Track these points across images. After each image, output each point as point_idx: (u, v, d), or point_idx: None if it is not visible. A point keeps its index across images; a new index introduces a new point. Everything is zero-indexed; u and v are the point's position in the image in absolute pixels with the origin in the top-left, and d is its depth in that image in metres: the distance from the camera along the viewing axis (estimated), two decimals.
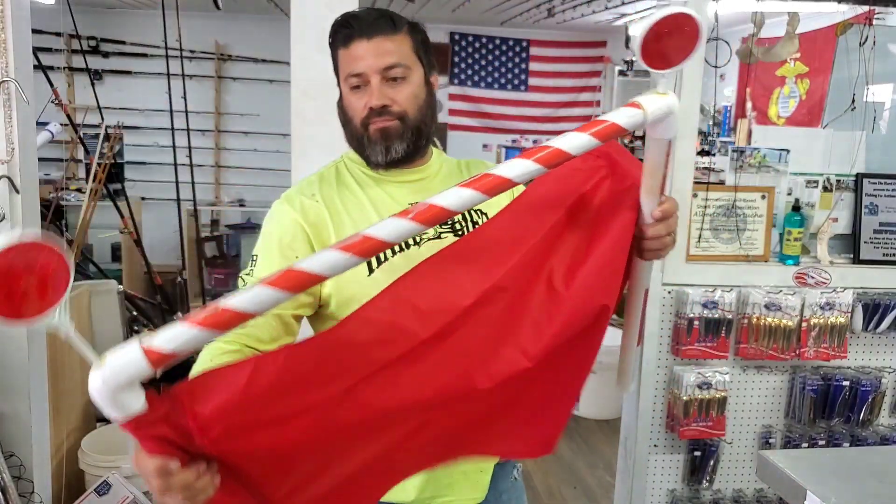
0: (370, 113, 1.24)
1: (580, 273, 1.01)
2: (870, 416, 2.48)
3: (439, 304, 0.96)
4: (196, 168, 3.98)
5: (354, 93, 1.25)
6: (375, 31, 1.22)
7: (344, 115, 1.29)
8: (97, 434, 2.63)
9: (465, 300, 0.97)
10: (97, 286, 2.94)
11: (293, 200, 1.27)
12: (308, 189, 1.30)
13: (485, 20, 6.42)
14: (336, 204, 1.28)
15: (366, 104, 1.24)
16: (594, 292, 1.01)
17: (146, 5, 5.89)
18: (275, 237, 1.25)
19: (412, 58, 1.26)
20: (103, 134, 3.25)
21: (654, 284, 2.42)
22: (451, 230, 1.31)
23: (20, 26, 1.92)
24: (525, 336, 0.98)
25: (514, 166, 0.89)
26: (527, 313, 0.99)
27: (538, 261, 1.01)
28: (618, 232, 1.03)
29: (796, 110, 3.72)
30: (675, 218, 1.08)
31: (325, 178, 1.32)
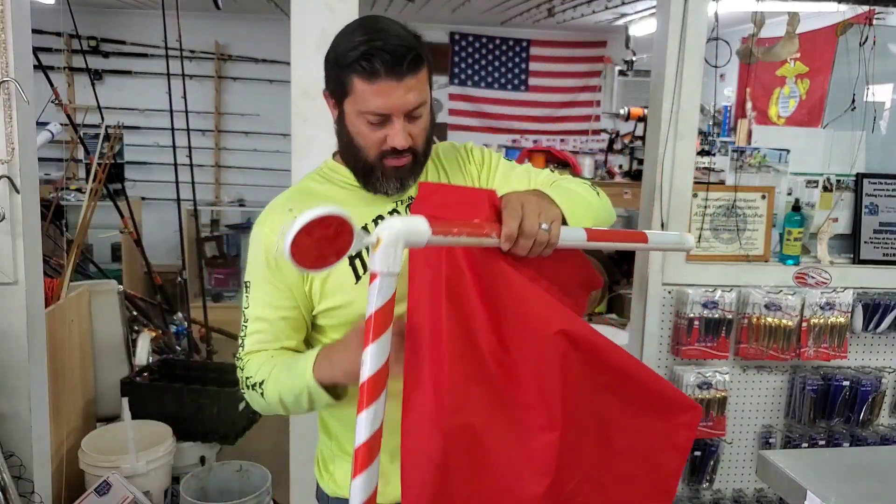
0: (393, 152, 1.22)
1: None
2: (870, 416, 2.48)
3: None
4: (196, 168, 3.98)
5: (370, 126, 1.21)
6: (405, 72, 1.17)
7: (349, 140, 1.25)
8: (97, 434, 2.63)
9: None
10: (97, 286, 2.94)
11: (265, 223, 1.29)
12: (284, 205, 1.30)
13: (485, 20, 6.41)
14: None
15: (385, 141, 1.21)
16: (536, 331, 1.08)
17: (146, 5, 5.89)
18: (260, 263, 1.28)
19: (427, 89, 1.24)
20: (103, 134, 3.24)
21: (655, 284, 2.43)
22: None
23: (20, 26, 1.92)
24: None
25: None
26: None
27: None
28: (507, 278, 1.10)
29: (796, 110, 3.72)
30: (528, 227, 1.07)
31: (304, 191, 1.33)
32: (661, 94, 2.33)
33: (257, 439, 3.41)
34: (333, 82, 1.24)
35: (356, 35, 1.19)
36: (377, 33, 1.18)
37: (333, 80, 1.24)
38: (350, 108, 1.22)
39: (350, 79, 1.19)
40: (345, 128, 1.25)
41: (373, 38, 1.17)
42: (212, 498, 2.48)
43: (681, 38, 2.28)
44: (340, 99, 1.23)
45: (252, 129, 6.39)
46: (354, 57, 1.17)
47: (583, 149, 6.97)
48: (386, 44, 1.16)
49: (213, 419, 2.69)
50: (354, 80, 1.18)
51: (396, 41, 1.17)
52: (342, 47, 1.20)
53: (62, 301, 2.53)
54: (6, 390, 1.99)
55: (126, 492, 2.31)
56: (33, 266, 2.02)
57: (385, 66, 1.16)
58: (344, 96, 1.22)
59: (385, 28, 1.20)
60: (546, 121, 7.17)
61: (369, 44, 1.16)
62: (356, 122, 1.22)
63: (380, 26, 1.20)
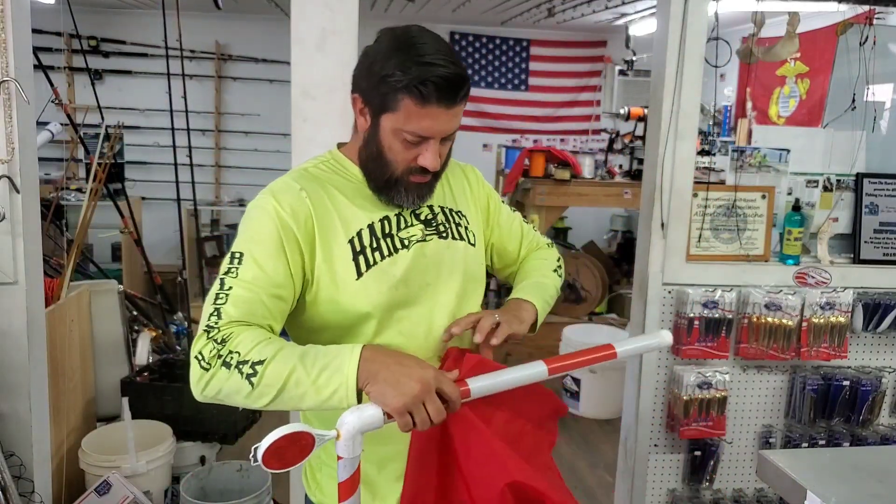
0: (420, 170, 1.24)
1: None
2: (870, 415, 2.48)
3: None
4: (196, 168, 3.98)
5: (405, 144, 1.22)
6: (457, 102, 1.20)
7: (378, 152, 1.25)
8: (97, 434, 2.63)
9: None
10: (97, 286, 2.94)
11: (276, 199, 1.22)
12: (294, 186, 1.26)
13: (485, 20, 6.42)
14: (324, 202, 1.26)
15: (415, 159, 1.23)
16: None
17: (146, 5, 5.89)
18: (265, 237, 1.19)
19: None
20: (103, 133, 3.24)
21: (655, 284, 2.43)
22: (436, 232, 1.33)
23: (20, 26, 1.91)
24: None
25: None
26: None
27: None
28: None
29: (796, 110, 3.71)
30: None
31: (312, 177, 1.30)
32: (662, 94, 2.33)
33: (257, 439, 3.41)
34: (376, 95, 1.21)
35: (412, 54, 1.17)
36: (436, 56, 1.17)
37: (376, 94, 1.21)
38: (389, 123, 1.21)
39: (399, 97, 1.18)
40: (377, 140, 1.24)
41: (434, 61, 1.16)
42: (212, 498, 2.48)
43: (681, 37, 2.28)
44: (379, 112, 1.22)
45: (252, 129, 6.40)
46: (412, 79, 1.16)
47: (583, 148, 6.97)
48: (446, 72, 1.16)
49: (213, 419, 2.69)
50: (405, 100, 1.18)
51: (454, 69, 1.17)
52: (394, 64, 1.17)
53: (62, 301, 2.53)
54: (6, 390, 1.99)
55: (126, 491, 2.31)
56: (33, 266, 2.02)
57: (440, 94, 1.17)
58: (384, 111, 1.21)
59: (440, 49, 1.19)
60: (546, 120, 7.18)
61: (430, 69, 1.16)
62: (391, 137, 1.22)
63: (436, 47, 1.19)
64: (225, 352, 1.09)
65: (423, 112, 1.18)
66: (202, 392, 1.12)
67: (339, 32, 2.05)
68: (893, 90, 2.82)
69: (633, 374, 2.54)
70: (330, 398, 1.09)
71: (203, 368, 1.10)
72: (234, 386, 1.09)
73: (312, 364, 1.09)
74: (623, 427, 2.64)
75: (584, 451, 3.74)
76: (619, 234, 6.45)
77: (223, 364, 1.09)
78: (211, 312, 1.14)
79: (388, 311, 1.26)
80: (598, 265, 5.24)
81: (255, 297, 1.15)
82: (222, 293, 1.15)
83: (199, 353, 1.11)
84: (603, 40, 7.05)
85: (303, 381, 1.08)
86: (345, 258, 1.24)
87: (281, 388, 1.08)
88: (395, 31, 1.23)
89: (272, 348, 1.10)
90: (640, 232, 2.53)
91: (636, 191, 4.57)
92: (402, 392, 1.07)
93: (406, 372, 1.09)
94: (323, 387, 1.08)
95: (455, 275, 1.34)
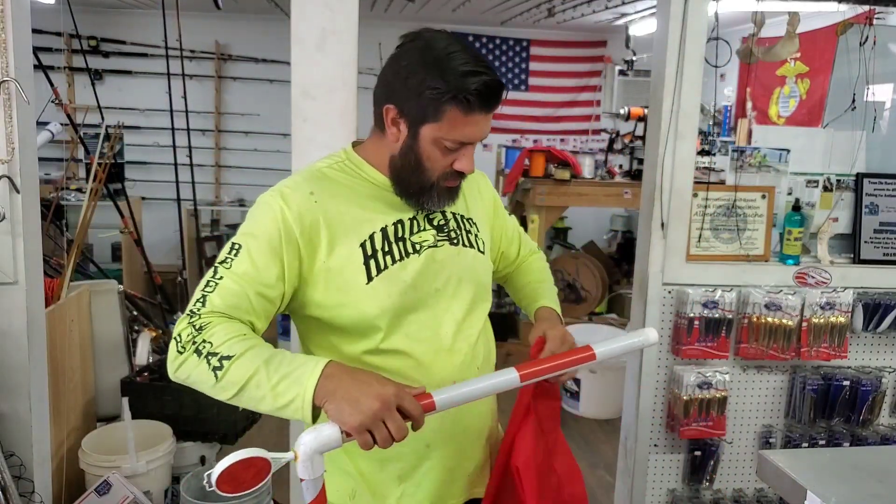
0: (453, 174, 1.26)
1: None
2: (870, 415, 2.48)
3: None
4: (196, 168, 3.99)
5: (443, 151, 1.23)
6: (495, 106, 1.22)
7: (417, 161, 1.25)
8: (97, 434, 2.63)
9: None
10: (97, 286, 2.94)
11: (285, 198, 1.23)
12: (305, 187, 1.25)
13: (485, 20, 6.41)
14: (337, 205, 1.26)
15: (452, 165, 1.25)
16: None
17: (146, 5, 5.89)
18: (266, 233, 1.20)
19: None
20: (103, 133, 3.24)
21: (655, 284, 2.43)
22: (447, 238, 1.34)
23: (20, 26, 1.91)
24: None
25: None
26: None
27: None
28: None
29: (796, 110, 3.71)
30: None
31: (325, 178, 1.29)
32: (662, 94, 2.33)
33: (257, 439, 3.41)
34: (416, 107, 1.21)
35: (452, 64, 1.18)
36: (475, 64, 1.18)
37: (416, 105, 1.21)
38: (430, 133, 1.22)
39: (444, 107, 1.19)
40: (416, 150, 1.24)
41: (475, 70, 1.18)
42: (212, 498, 2.46)
43: (681, 37, 2.28)
44: (419, 123, 1.22)
45: (252, 129, 6.40)
46: (458, 90, 1.17)
47: (583, 148, 6.97)
48: (488, 79, 1.18)
49: (214, 419, 2.69)
50: (450, 109, 1.19)
51: (492, 74, 1.19)
52: (436, 75, 1.18)
53: (62, 301, 2.53)
54: (6, 390, 1.99)
55: (126, 492, 2.31)
56: (33, 266, 2.02)
57: (482, 101, 1.19)
58: (425, 122, 1.22)
59: (475, 55, 1.21)
60: (546, 120, 7.17)
61: (473, 78, 1.17)
62: (431, 146, 1.23)
63: (472, 53, 1.21)
64: (200, 339, 1.11)
65: (467, 120, 1.20)
66: (174, 373, 1.14)
67: (339, 32, 2.05)
68: (893, 90, 2.83)
69: (633, 374, 2.54)
70: (286, 407, 1.08)
71: (178, 351, 1.12)
72: (202, 376, 1.11)
73: (276, 370, 1.09)
74: (623, 427, 2.64)
75: (584, 451, 3.74)
76: (619, 234, 6.45)
77: (195, 351, 1.10)
78: (198, 298, 1.16)
79: (396, 316, 1.26)
80: (598, 265, 5.24)
81: (241, 291, 1.17)
82: (213, 281, 1.18)
83: (178, 335, 1.13)
84: (603, 40, 7.05)
85: (263, 385, 1.08)
86: (355, 262, 1.24)
87: (242, 387, 1.09)
88: (424, 41, 1.22)
89: (242, 346, 1.10)
90: (640, 232, 2.53)
91: (636, 191, 4.57)
92: (360, 410, 1.05)
93: (364, 390, 1.06)
94: (280, 395, 1.08)
95: (464, 282, 1.34)
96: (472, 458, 1.40)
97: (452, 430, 1.34)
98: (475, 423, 1.39)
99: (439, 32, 1.23)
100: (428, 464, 1.33)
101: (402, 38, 1.25)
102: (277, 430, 3.37)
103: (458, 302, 1.34)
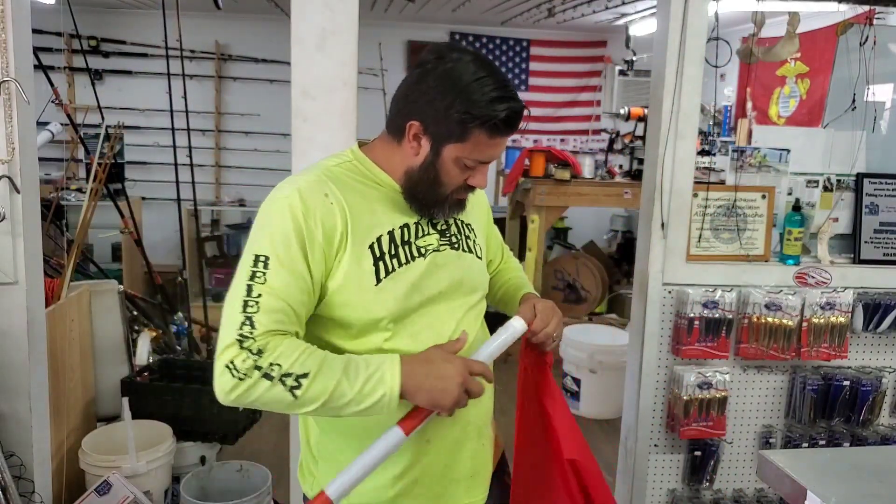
0: (466, 188, 1.31)
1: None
2: (870, 415, 2.48)
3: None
4: (196, 168, 3.98)
5: (462, 168, 1.27)
6: (517, 128, 1.25)
7: (436, 177, 1.28)
8: (97, 434, 2.63)
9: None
10: (98, 286, 2.94)
11: (300, 200, 1.21)
12: (318, 188, 1.24)
13: (485, 20, 6.41)
14: (350, 206, 1.26)
15: (466, 182, 1.29)
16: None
17: (146, 5, 5.89)
18: (286, 240, 1.19)
19: None
20: (104, 134, 3.24)
21: (655, 284, 2.43)
22: (449, 243, 1.36)
23: (20, 26, 1.92)
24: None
25: None
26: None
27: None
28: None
29: (797, 110, 3.71)
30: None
31: (336, 178, 1.28)
32: (662, 94, 2.33)
33: (258, 439, 3.41)
34: (442, 127, 1.23)
35: (483, 90, 1.20)
36: (504, 89, 1.21)
37: (443, 126, 1.23)
38: (453, 152, 1.25)
39: (471, 130, 1.22)
40: (436, 167, 1.27)
41: (503, 95, 1.21)
42: (212, 498, 2.48)
43: (681, 37, 2.28)
44: (443, 142, 1.24)
45: (252, 129, 6.39)
46: (488, 116, 1.20)
47: (583, 149, 6.97)
48: (516, 105, 1.22)
49: (214, 419, 2.69)
50: (477, 133, 1.22)
51: (518, 100, 1.23)
52: (465, 99, 1.20)
53: (62, 301, 2.53)
54: (6, 390, 1.99)
55: (126, 492, 2.31)
56: (34, 266, 2.02)
57: (508, 126, 1.23)
58: (449, 141, 1.24)
59: (504, 79, 1.23)
60: (546, 121, 7.17)
61: (502, 104, 1.20)
62: (451, 164, 1.26)
63: (500, 78, 1.23)
64: (264, 363, 1.12)
65: (491, 142, 1.24)
66: (233, 400, 1.14)
67: (339, 32, 2.05)
68: (893, 90, 2.82)
69: (633, 374, 2.55)
70: (372, 406, 1.17)
71: (237, 378, 1.11)
72: (276, 396, 1.13)
73: (355, 377, 1.16)
74: (623, 427, 2.64)
75: None
76: (620, 234, 6.45)
77: (263, 376, 1.12)
78: (242, 321, 1.14)
79: (401, 317, 1.28)
80: (598, 265, 5.24)
81: (285, 305, 1.17)
82: (252, 301, 1.16)
83: (230, 363, 1.12)
84: (603, 40, 7.05)
85: (347, 393, 1.15)
86: (365, 264, 1.25)
87: (326, 400, 1.15)
88: (453, 62, 1.23)
89: (314, 361, 1.15)
90: (641, 232, 2.53)
91: (636, 191, 4.57)
92: (449, 392, 1.20)
93: (441, 373, 1.21)
94: (366, 396, 1.16)
95: (464, 285, 1.37)
96: (473, 456, 1.41)
97: (451, 427, 1.35)
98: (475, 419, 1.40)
99: (466, 53, 1.24)
100: (426, 459, 1.34)
101: (429, 53, 1.26)
102: (278, 429, 3.37)
103: (459, 304, 1.36)
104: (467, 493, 1.41)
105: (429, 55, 1.25)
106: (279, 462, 3.00)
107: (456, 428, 1.35)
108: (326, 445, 1.35)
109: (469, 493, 1.41)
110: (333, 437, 1.34)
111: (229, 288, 1.20)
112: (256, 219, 1.25)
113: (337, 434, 1.33)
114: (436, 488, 1.36)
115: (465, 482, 1.40)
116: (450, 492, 1.38)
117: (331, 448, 1.35)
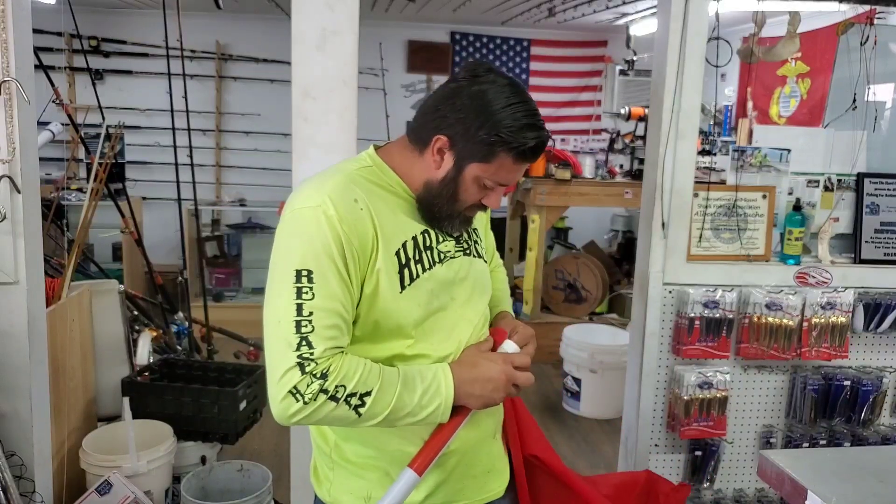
0: (479, 207, 1.33)
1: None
2: (871, 415, 2.48)
3: None
4: (197, 168, 3.98)
5: (480, 188, 1.29)
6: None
7: (454, 193, 1.28)
8: (98, 434, 2.63)
9: None
10: (98, 286, 2.94)
11: (332, 208, 1.18)
12: (347, 193, 1.22)
13: (485, 20, 6.41)
14: (379, 210, 1.26)
15: (481, 201, 1.31)
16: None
17: (147, 5, 5.89)
18: (327, 252, 1.17)
19: None
20: (104, 133, 3.24)
21: (655, 284, 2.43)
22: (462, 249, 1.38)
23: (21, 26, 1.92)
24: None
25: None
26: None
27: None
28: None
29: (797, 110, 3.71)
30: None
31: (360, 183, 1.27)
32: (662, 94, 2.33)
33: (258, 439, 3.42)
34: (470, 146, 1.24)
35: (516, 117, 1.21)
36: (535, 118, 1.24)
37: (471, 145, 1.23)
38: (476, 171, 1.26)
39: (498, 153, 1.23)
40: (456, 184, 1.27)
41: (534, 124, 1.23)
42: (213, 498, 2.48)
43: (682, 37, 2.28)
44: (468, 160, 1.25)
45: (253, 129, 6.39)
46: (518, 143, 1.22)
47: (583, 148, 6.96)
48: (544, 134, 1.25)
49: (214, 419, 2.69)
50: (503, 155, 1.23)
51: (545, 128, 1.26)
52: (496, 123, 1.21)
53: (63, 301, 2.53)
54: (7, 390, 1.99)
55: (127, 491, 2.31)
56: (34, 266, 2.02)
57: (534, 154, 1.25)
58: (474, 160, 1.25)
59: (535, 108, 1.25)
60: (547, 120, 7.05)
61: (531, 133, 1.22)
62: (471, 182, 1.27)
63: (531, 106, 1.25)
64: (330, 387, 1.15)
65: (515, 167, 1.26)
66: (294, 422, 1.18)
67: (339, 32, 2.05)
68: (894, 90, 2.82)
69: (633, 373, 2.54)
70: (428, 416, 1.23)
71: (302, 402, 1.14)
72: (340, 416, 1.18)
73: (413, 389, 1.22)
74: (624, 427, 2.64)
75: (584, 451, 3.74)
76: (620, 233, 6.45)
77: (330, 398, 1.15)
78: (298, 342, 1.15)
79: (423, 323, 1.29)
80: (598, 265, 5.24)
81: (337, 320, 1.19)
82: (304, 320, 1.15)
83: (294, 389, 1.14)
84: (603, 40, 7.04)
85: (407, 405, 1.21)
86: (391, 270, 1.25)
87: (387, 414, 1.20)
88: (487, 84, 1.23)
89: (375, 378, 1.19)
90: (641, 232, 2.53)
91: (637, 191, 4.57)
92: (498, 391, 1.29)
93: (488, 375, 1.28)
94: (424, 407, 1.23)
95: (476, 289, 1.39)
96: (488, 454, 1.43)
97: (471, 432, 1.36)
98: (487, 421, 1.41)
99: (502, 76, 1.25)
100: (449, 464, 1.35)
101: (464, 70, 1.26)
102: (278, 429, 3.37)
103: (472, 308, 1.38)
104: (483, 487, 1.43)
105: (464, 72, 1.26)
106: (279, 462, 3.01)
107: (475, 433, 1.37)
108: (345, 452, 1.35)
109: (484, 489, 1.43)
110: (353, 444, 1.34)
111: (267, 301, 1.20)
112: (284, 229, 1.21)
113: (356, 441, 1.34)
114: (456, 486, 1.37)
115: (482, 477, 1.42)
116: (469, 486, 1.40)
117: (349, 455, 1.35)
